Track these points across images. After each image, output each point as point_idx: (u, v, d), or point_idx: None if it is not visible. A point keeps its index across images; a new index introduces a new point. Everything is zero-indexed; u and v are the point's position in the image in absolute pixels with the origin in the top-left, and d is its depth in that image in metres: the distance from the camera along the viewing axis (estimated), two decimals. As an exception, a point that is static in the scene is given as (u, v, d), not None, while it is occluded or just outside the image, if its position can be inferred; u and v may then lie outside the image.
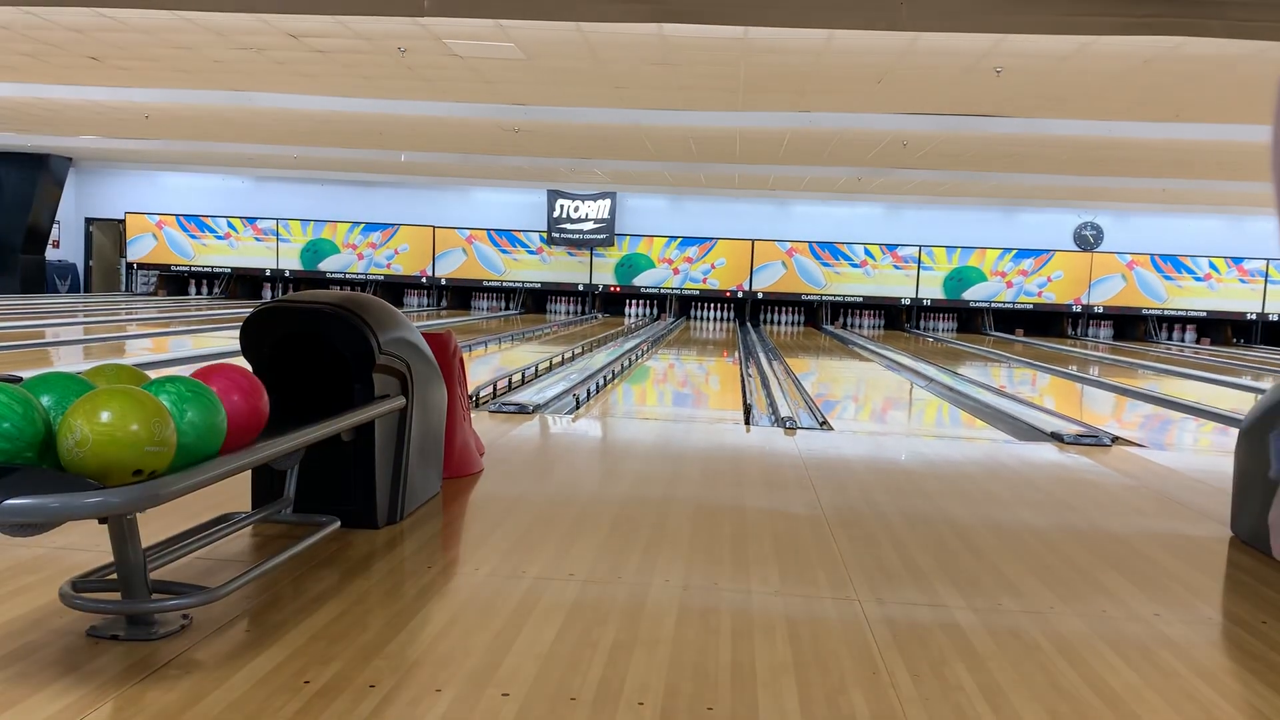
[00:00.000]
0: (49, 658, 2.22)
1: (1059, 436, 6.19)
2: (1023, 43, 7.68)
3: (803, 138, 13.09)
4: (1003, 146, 13.21)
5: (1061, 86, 9.38)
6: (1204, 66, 8.26)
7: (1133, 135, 11.64)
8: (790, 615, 2.73)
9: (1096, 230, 20.91)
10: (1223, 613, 3.04)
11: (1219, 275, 20.53)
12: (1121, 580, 3.19)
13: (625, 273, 21.48)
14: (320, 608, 2.61)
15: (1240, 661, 2.59)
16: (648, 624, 2.61)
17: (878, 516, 3.92)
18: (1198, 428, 8.19)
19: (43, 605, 2.53)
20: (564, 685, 2.20)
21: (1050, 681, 2.34)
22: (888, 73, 9.09)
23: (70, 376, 2.31)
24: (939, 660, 2.44)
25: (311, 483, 3.26)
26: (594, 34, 8.14)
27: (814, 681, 2.28)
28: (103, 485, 2.04)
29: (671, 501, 4.06)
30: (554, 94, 10.73)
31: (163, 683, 2.11)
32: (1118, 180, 16.14)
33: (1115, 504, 4.43)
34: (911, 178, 16.58)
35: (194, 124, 13.90)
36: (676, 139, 13.61)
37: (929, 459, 5.59)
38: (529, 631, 2.51)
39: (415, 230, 21.62)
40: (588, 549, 3.29)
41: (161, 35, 8.79)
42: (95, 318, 15.33)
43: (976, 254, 20.93)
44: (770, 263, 21.20)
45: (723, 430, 6.69)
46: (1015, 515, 4.09)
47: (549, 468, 4.86)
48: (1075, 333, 21.07)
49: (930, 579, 3.11)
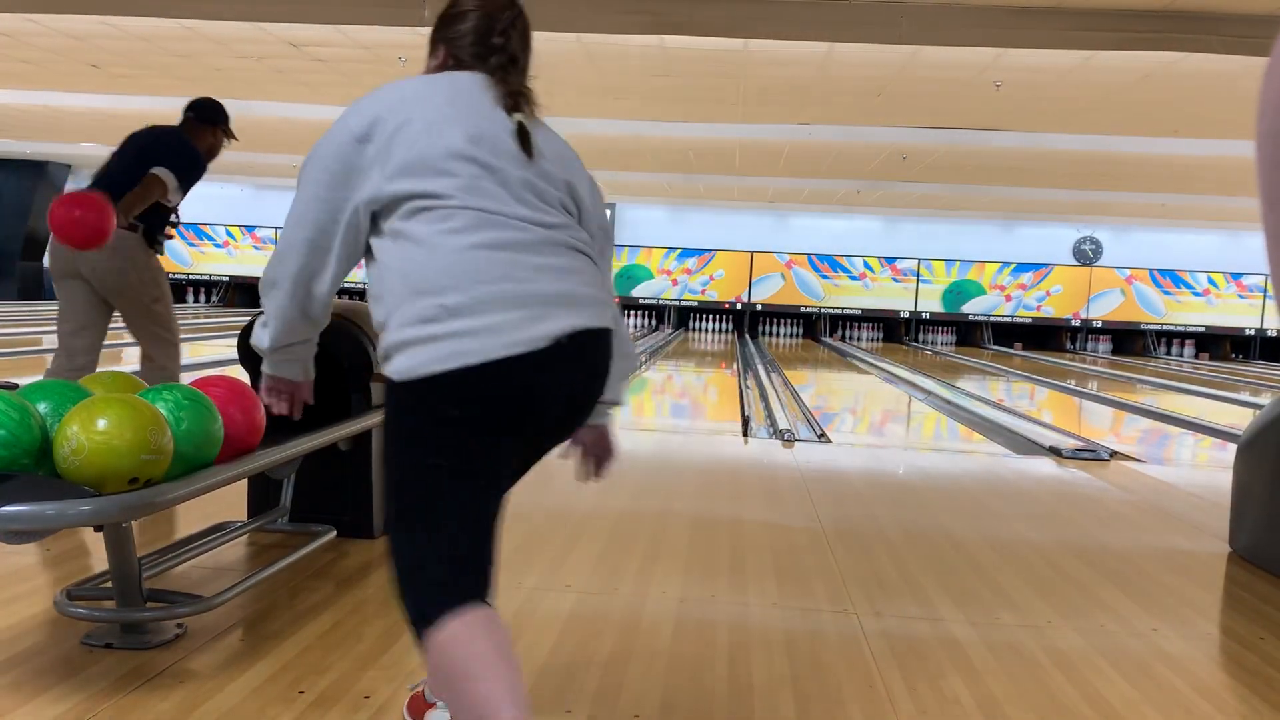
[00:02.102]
0: (43, 666, 2.21)
1: (1057, 451, 6.19)
2: (1022, 57, 7.69)
3: (802, 150, 13.11)
4: (1002, 160, 13.24)
5: (1061, 101, 9.40)
6: (1203, 82, 8.29)
7: (1132, 150, 11.66)
8: (787, 628, 2.72)
9: (1095, 245, 20.94)
10: (1220, 628, 3.03)
11: (1218, 291, 20.55)
12: (1119, 595, 3.19)
13: (624, 284, 21.48)
14: (316, 618, 2.60)
15: (1238, 677, 2.58)
16: (644, 636, 2.60)
17: (875, 529, 3.92)
18: (1196, 443, 8.18)
19: (37, 613, 2.52)
20: (560, 697, 2.19)
21: (1048, 696, 2.33)
22: (887, 86, 9.12)
23: (67, 384, 2.30)
24: (936, 674, 2.43)
25: (307, 492, 3.25)
26: (594, 45, 8.16)
27: (811, 694, 2.27)
28: (99, 493, 2.04)
29: (669, 513, 4.05)
30: (553, 104, 10.74)
31: (157, 692, 2.10)
32: (1117, 195, 16.17)
33: (1113, 519, 4.42)
34: (911, 191, 16.61)
35: (194, 132, 13.89)
36: (676, 150, 13.63)
37: (927, 472, 5.59)
38: (525, 643, 2.50)
39: (414, 240, 21.62)
40: (584, 560, 3.28)
41: (161, 43, 8.81)
42: (93, 325, 15.29)
43: (975, 268, 20.95)
44: (769, 275, 21.21)
45: (721, 442, 6.69)
46: (1013, 529, 4.08)
47: (546, 479, 4.84)
48: (1074, 347, 21.08)
49: (928, 592, 3.10)
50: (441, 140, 1.60)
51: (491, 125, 1.65)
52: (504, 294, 1.55)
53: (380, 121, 1.62)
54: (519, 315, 1.54)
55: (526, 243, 1.60)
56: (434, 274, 1.55)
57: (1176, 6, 6.29)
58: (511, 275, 1.56)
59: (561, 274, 1.61)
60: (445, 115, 1.63)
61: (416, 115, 1.62)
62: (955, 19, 6.54)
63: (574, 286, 1.62)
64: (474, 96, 1.68)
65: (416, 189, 1.59)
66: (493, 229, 1.58)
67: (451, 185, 1.59)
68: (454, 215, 1.58)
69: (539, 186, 1.65)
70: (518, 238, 1.59)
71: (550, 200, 1.67)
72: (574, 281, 1.63)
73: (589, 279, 1.67)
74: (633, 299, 21.51)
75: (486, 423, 1.56)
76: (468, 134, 1.62)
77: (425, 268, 1.56)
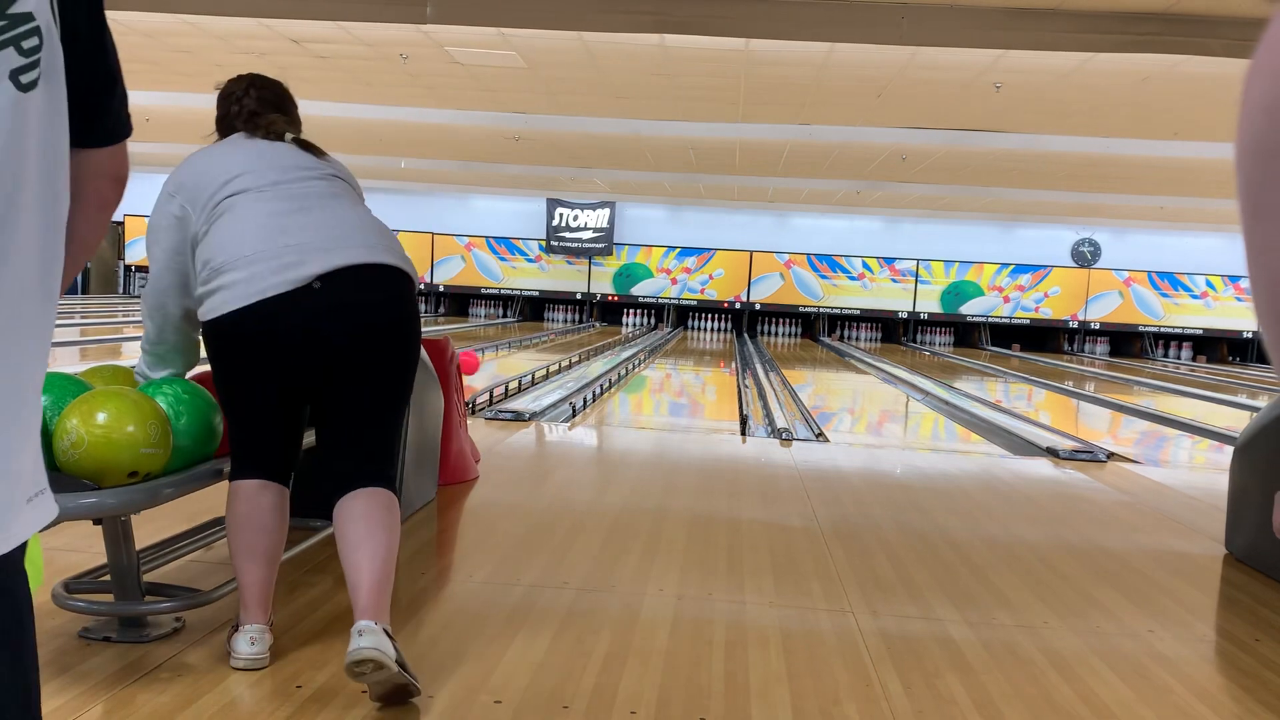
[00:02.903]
0: (41, 659, 2.20)
1: (1054, 452, 6.19)
2: (1022, 59, 7.70)
3: (802, 150, 13.12)
4: (1001, 162, 13.24)
5: (1060, 103, 9.41)
6: (1202, 85, 8.29)
7: (1131, 152, 11.67)
8: (784, 627, 2.73)
9: (1094, 246, 20.96)
10: (1216, 629, 3.04)
11: (1216, 293, 20.57)
12: (1116, 596, 3.19)
13: (623, 282, 21.48)
14: (314, 612, 2.61)
15: (1233, 678, 2.59)
16: (641, 634, 2.60)
17: (873, 529, 3.92)
18: (1193, 445, 8.20)
19: (35, 605, 2.52)
20: (557, 694, 2.20)
21: (1043, 696, 2.34)
22: (888, 87, 9.12)
23: (67, 377, 2.30)
24: (933, 673, 2.43)
25: (306, 487, 3.25)
26: (595, 43, 8.16)
27: (807, 693, 2.28)
28: (98, 486, 2.04)
29: (667, 511, 4.05)
30: (555, 102, 10.75)
31: (155, 685, 2.11)
32: (1116, 197, 16.17)
33: (1110, 520, 4.43)
34: (910, 192, 16.61)
35: (195, 128, 13.83)
36: (676, 149, 13.63)
37: (925, 472, 5.59)
38: (522, 639, 2.51)
39: (414, 237, 21.61)
40: (582, 558, 3.28)
41: (163, 39, 8.80)
42: (93, 319, 15.31)
43: (974, 269, 20.97)
44: (768, 274, 21.22)
45: (719, 441, 6.69)
46: (1010, 530, 4.09)
47: (544, 476, 4.85)
48: (1072, 348, 21.10)
49: (925, 592, 3.10)
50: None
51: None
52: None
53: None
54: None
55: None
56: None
57: (1176, 9, 6.30)
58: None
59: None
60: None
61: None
62: (955, 20, 6.54)
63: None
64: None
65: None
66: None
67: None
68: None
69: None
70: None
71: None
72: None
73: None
74: (632, 297, 21.51)
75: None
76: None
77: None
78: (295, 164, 2.34)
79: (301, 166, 2.34)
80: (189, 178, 2.31)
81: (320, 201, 2.27)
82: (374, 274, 2.21)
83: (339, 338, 2.17)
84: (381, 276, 2.22)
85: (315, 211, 2.24)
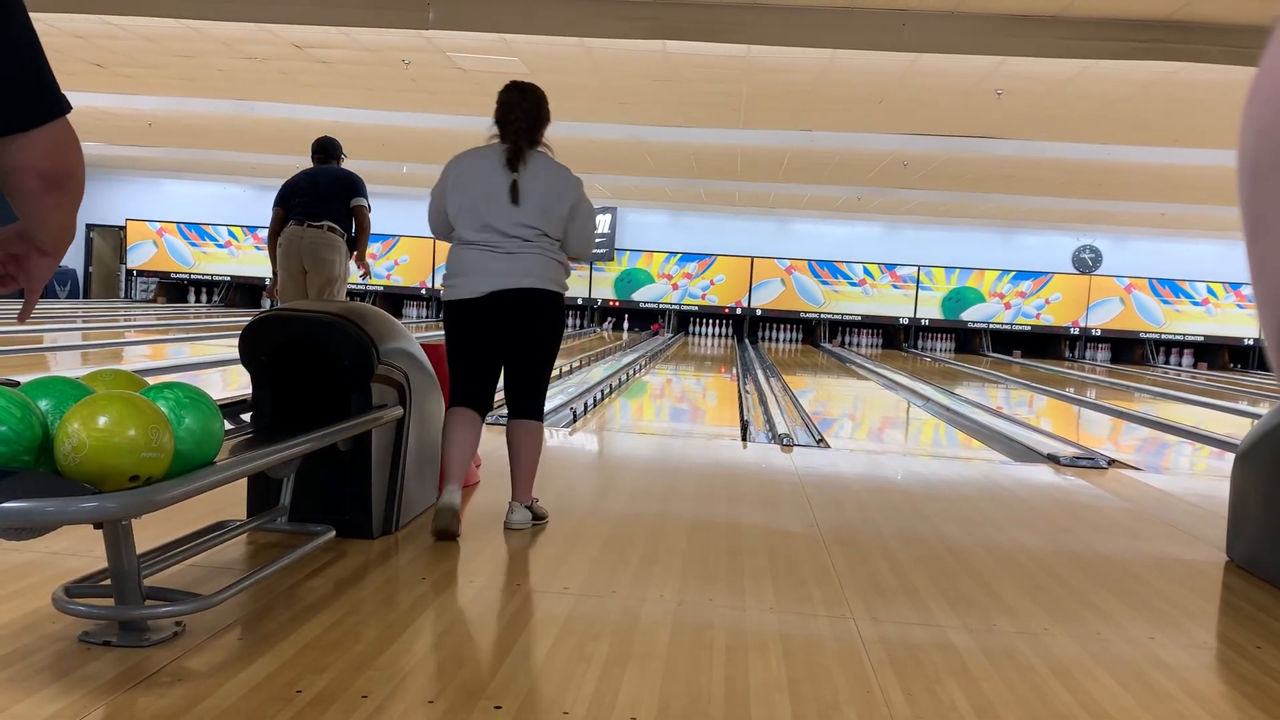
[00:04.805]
0: (41, 663, 2.21)
1: (1055, 458, 6.19)
2: (1023, 65, 7.71)
3: (803, 156, 13.14)
4: (1002, 168, 13.26)
5: (1061, 110, 9.42)
6: (1203, 92, 8.31)
7: (1132, 159, 11.69)
8: (785, 632, 2.73)
9: (1095, 253, 20.97)
10: (1217, 637, 3.04)
11: (1217, 300, 20.57)
12: (1116, 603, 3.19)
13: (624, 287, 21.50)
14: (314, 617, 2.61)
15: (1234, 685, 2.59)
16: (641, 639, 2.60)
17: (873, 535, 3.92)
18: (1194, 452, 8.20)
19: (35, 610, 2.52)
20: (557, 699, 2.20)
21: (1044, 702, 2.34)
22: (889, 93, 9.14)
23: (69, 381, 2.30)
24: (933, 679, 2.43)
25: (307, 491, 3.26)
26: (597, 49, 8.18)
27: (807, 699, 2.28)
28: (99, 490, 2.04)
29: (667, 517, 4.05)
30: (556, 108, 10.75)
31: (154, 690, 2.11)
32: (1116, 204, 16.19)
33: (1111, 526, 4.43)
34: (911, 198, 16.63)
35: (197, 132, 13.92)
36: (678, 155, 13.66)
37: (925, 479, 5.59)
38: (522, 644, 2.51)
39: (415, 242, 21.65)
40: (582, 563, 3.28)
41: (166, 43, 8.82)
42: (94, 324, 15.32)
43: (975, 275, 20.97)
44: (769, 280, 21.23)
45: (719, 446, 6.69)
46: (1011, 536, 4.08)
47: (544, 481, 4.84)
48: (1073, 355, 21.10)
49: (925, 598, 3.10)
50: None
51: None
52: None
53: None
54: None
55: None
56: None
57: (1176, 17, 6.31)
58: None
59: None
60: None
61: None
62: (956, 27, 6.56)
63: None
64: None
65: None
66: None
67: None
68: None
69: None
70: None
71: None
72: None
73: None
74: (633, 303, 21.51)
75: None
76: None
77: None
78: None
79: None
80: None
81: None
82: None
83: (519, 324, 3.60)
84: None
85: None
